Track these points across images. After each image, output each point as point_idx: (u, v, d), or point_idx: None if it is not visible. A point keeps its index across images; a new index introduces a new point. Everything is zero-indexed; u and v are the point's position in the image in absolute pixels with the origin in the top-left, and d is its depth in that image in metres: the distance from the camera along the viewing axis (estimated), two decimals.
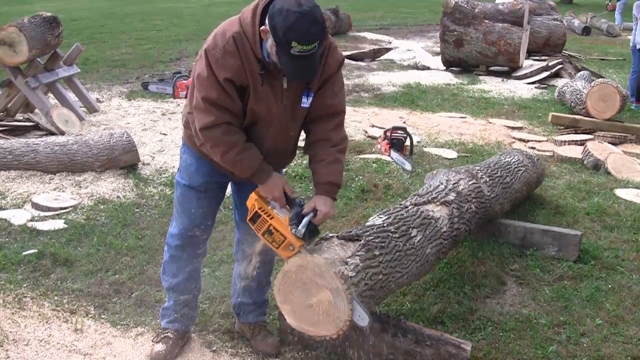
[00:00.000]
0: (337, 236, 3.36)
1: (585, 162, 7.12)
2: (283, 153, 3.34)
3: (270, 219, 3.10)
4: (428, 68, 13.31)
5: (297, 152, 3.51)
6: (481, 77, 12.39)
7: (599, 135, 8.09)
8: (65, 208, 5.57)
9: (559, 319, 4.08)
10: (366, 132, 8.24)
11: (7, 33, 7.52)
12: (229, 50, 2.92)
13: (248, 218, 3.19)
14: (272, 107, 3.08)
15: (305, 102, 3.12)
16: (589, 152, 7.13)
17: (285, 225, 3.08)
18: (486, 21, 12.35)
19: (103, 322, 3.96)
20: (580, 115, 8.73)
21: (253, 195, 3.20)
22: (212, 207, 3.49)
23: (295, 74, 2.90)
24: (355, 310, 2.99)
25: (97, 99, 9.68)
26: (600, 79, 9.89)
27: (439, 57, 13.33)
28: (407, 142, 7.22)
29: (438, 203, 4.15)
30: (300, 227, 3.03)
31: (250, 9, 2.93)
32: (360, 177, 6.46)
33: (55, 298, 4.20)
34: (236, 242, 3.73)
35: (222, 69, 2.93)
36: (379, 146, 7.49)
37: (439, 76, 12.41)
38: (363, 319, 3.02)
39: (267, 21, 2.82)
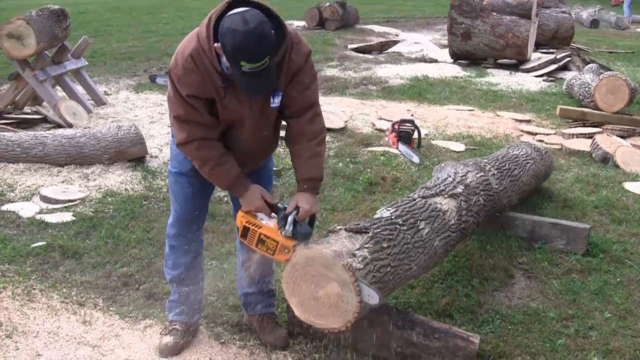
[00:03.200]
0: (345, 229, 3.36)
1: (593, 155, 7.10)
2: (261, 150, 3.40)
3: (259, 228, 3.21)
4: (436, 61, 13.27)
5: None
6: (489, 70, 12.34)
7: (607, 129, 8.04)
8: (73, 201, 5.58)
9: (567, 313, 4.07)
10: (374, 124, 8.23)
11: (15, 26, 7.53)
12: (188, 68, 2.95)
13: (239, 235, 3.32)
14: (242, 113, 3.12)
15: (276, 102, 3.13)
16: (597, 145, 7.10)
17: (274, 230, 3.17)
18: (494, 14, 12.30)
19: (111, 314, 3.97)
20: (589, 108, 8.68)
21: (240, 213, 3.31)
22: (203, 191, 3.52)
23: (249, 89, 2.91)
24: (363, 290, 3.00)
25: (105, 91, 9.70)
26: (609, 71, 9.84)
27: (447, 50, 13.29)
28: (415, 135, 7.22)
29: (446, 196, 4.15)
30: (286, 227, 3.12)
31: (204, 24, 2.93)
32: (368, 170, 6.46)
33: (64, 290, 4.21)
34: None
35: (185, 86, 2.99)
36: (386, 139, 7.48)
37: (447, 69, 12.37)
38: (373, 298, 3.01)
39: (219, 39, 2.83)
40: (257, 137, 3.26)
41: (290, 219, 3.13)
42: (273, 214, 3.28)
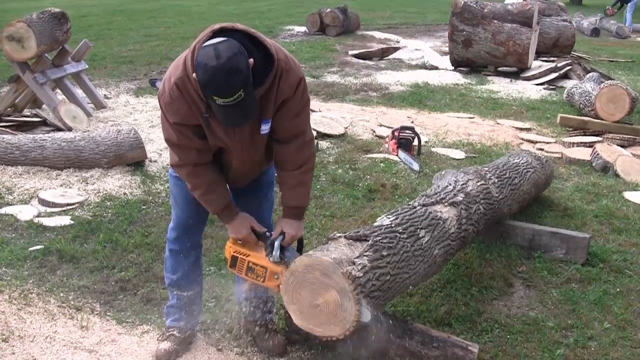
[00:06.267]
0: (345, 236, 3.35)
1: (593, 164, 7.09)
2: (251, 171, 3.42)
3: (247, 256, 3.28)
4: (436, 68, 13.27)
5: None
6: (489, 78, 12.33)
7: (607, 137, 8.04)
8: (71, 204, 5.57)
9: (566, 322, 4.06)
10: (374, 131, 8.23)
11: (16, 28, 7.53)
12: (174, 96, 2.95)
13: (228, 265, 3.38)
14: (227, 141, 3.12)
15: (265, 128, 3.12)
16: (597, 154, 7.09)
17: (262, 257, 3.23)
18: (495, 21, 12.30)
19: (108, 319, 3.95)
20: (589, 117, 8.67)
21: (227, 244, 3.39)
22: None
23: (226, 122, 2.89)
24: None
25: (105, 95, 9.69)
26: (610, 80, 9.84)
27: (447, 57, 13.28)
28: (415, 142, 7.21)
29: (446, 204, 4.13)
30: (273, 252, 3.17)
31: (190, 52, 2.89)
32: (368, 177, 6.45)
33: (61, 294, 4.20)
34: None
35: (172, 114, 3.01)
36: (386, 146, 7.47)
37: (447, 76, 12.37)
38: (365, 315, 3.01)
39: (194, 70, 2.81)
40: (246, 163, 3.27)
41: (276, 244, 3.18)
42: (260, 242, 3.33)
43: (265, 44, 2.89)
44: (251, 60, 2.76)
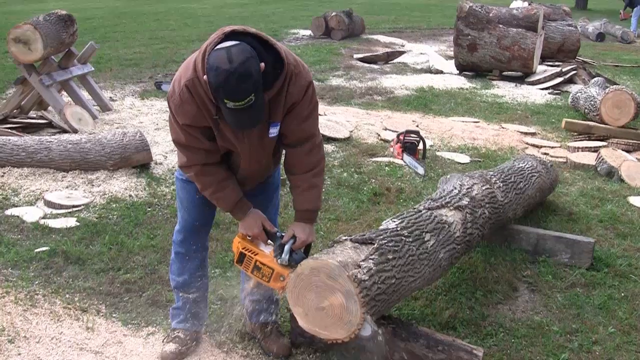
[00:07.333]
0: (351, 239, 3.36)
1: (598, 169, 7.08)
2: (259, 174, 3.43)
3: (255, 255, 3.28)
4: (441, 72, 13.26)
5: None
6: (494, 82, 12.32)
7: (612, 142, 8.04)
8: (77, 206, 5.59)
9: (571, 327, 4.06)
10: (379, 135, 8.23)
11: (23, 31, 7.56)
12: (184, 98, 2.96)
13: (235, 260, 3.38)
14: (236, 143, 3.13)
15: (274, 132, 3.14)
16: (602, 159, 7.08)
17: (271, 258, 3.24)
18: (500, 26, 12.30)
19: (114, 320, 3.96)
20: (594, 121, 8.67)
21: (236, 239, 3.39)
22: None
23: (235, 125, 2.91)
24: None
25: (111, 97, 9.71)
26: (615, 85, 9.83)
27: (452, 61, 13.28)
28: (420, 146, 7.21)
29: (452, 208, 4.14)
30: (283, 255, 3.19)
31: (200, 54, 2.90)
32: (373, 180, 6.45)
33: (67, 296, 4.21)
34: None
35: (181, 115, 3.02)
36: (391, 149, 7.47)
37: (452, 80, 12.37)
38: (365, 329, 3.03)
39: (206, 73, 2.81)
40: (254, 165, 3.28)
41: (286, 248, 3.19)
42: (269, 241, 3.34)
43: (276, 48, 2.91)
44: (262, 64, 2.78)
